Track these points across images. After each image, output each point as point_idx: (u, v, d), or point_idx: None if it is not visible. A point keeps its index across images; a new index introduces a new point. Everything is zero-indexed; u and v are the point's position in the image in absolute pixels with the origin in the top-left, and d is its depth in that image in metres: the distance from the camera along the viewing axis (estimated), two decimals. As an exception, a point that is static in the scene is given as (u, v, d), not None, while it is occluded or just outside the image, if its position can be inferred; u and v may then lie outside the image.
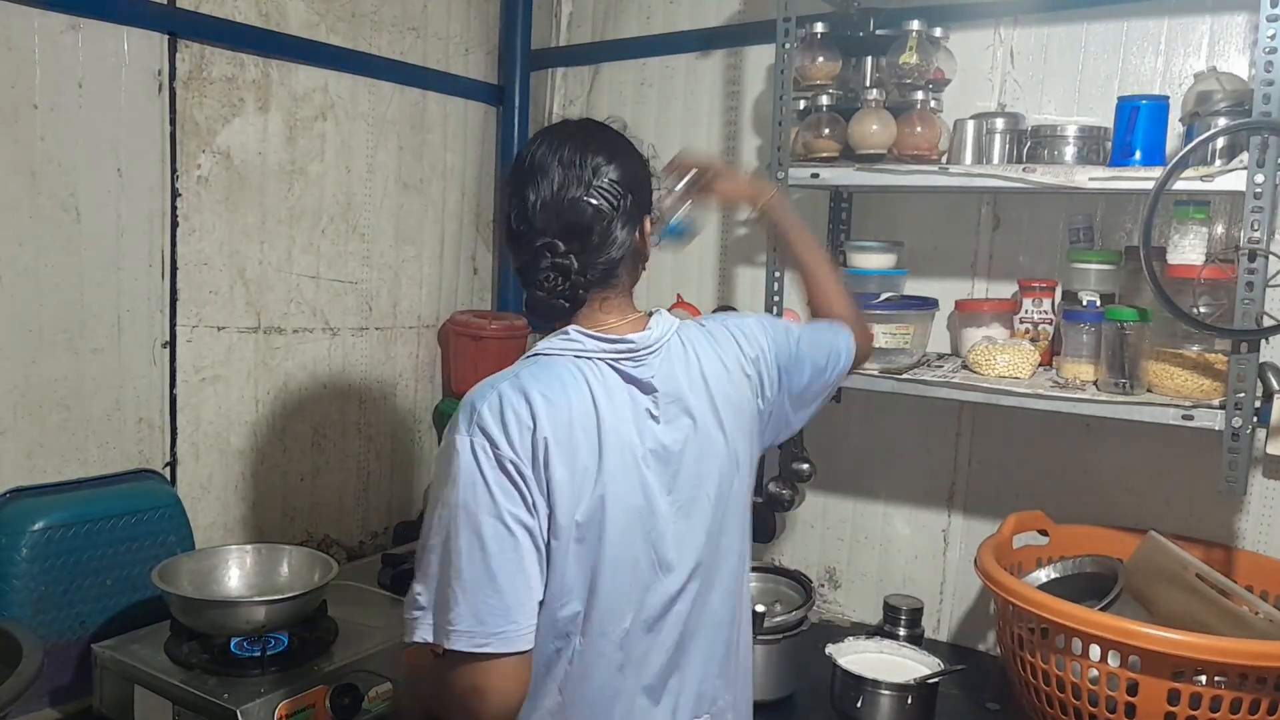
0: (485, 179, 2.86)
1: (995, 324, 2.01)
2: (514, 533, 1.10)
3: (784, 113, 1.95)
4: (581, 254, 1.18)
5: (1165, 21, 1.93)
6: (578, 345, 1.20)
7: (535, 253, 1.18)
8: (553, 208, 1.18)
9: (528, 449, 1.11)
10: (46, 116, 1.86)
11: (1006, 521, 1.92)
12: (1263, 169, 1.50)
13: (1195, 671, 1.46)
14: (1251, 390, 1.54)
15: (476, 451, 1.11)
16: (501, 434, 1.11)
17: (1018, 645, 1.66)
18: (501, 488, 1.10)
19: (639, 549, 1.19)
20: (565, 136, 1.22)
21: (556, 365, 1.18)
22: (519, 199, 1.20)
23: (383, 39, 2.49)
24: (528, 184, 1.20)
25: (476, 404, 1.13)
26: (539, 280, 1.19)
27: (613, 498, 1.15)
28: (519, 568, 1.11)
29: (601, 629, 1.17)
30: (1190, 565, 1.65)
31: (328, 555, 1.96)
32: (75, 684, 1.82)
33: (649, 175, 1.29)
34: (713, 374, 1.27)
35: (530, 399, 1.13)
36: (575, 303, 1.20)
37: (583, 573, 1.15)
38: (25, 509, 1.80)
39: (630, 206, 1.21)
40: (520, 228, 1.21)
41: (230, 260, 2.19)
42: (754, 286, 2.38)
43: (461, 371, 2.69)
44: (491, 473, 1.10)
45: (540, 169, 1.20)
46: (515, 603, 1.10)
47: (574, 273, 1.18)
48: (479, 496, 1.10)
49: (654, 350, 1.23)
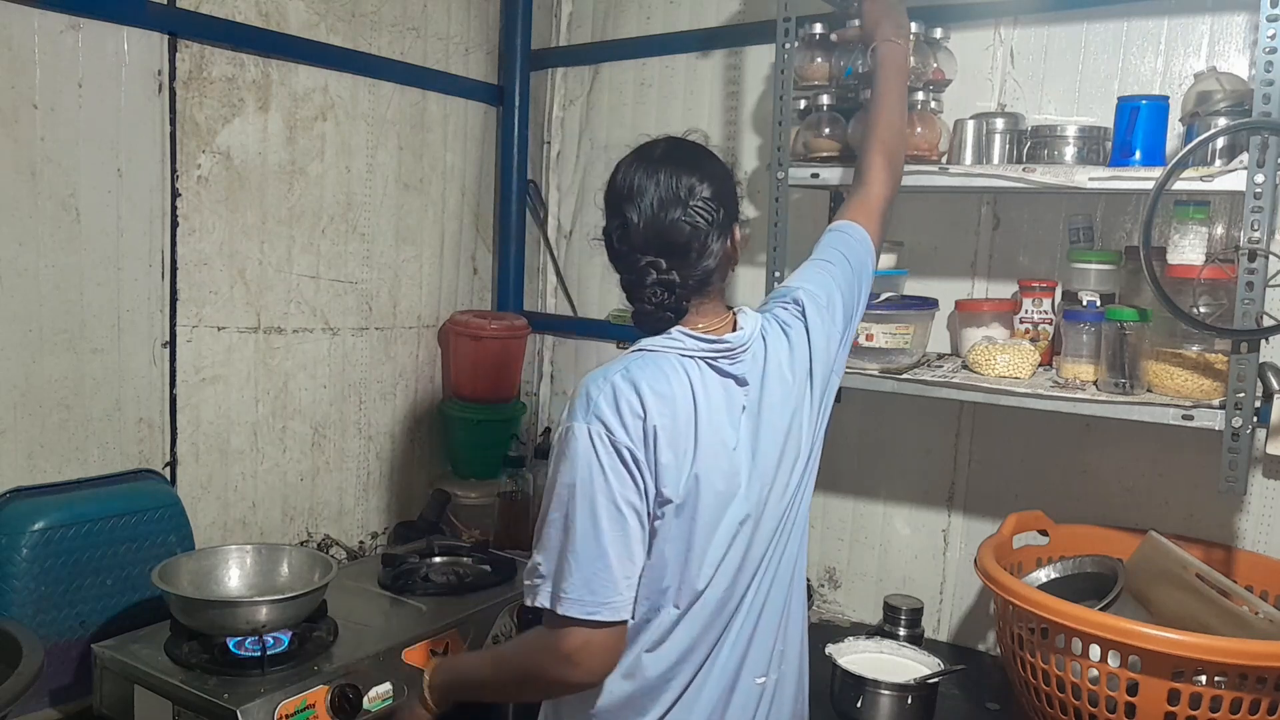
0: (485, 179, 2.86)
1: (995, 324, 2.00)
2: (624, 514, 1.22)
3: (784, 113, 1.94)
4: (682, 269, 1.29)
5: (1165, 21, 1.93)
6: (679, 344, 1.30)
7: (640, 271, 1.29)
8: (653, 228, 1.29)
9: (639, 435, 1.22)
10: (46, 116, 1.86)
11: (1006, 521, 1.92)
12: (1263, 169, 1.50)
13: (1195, 671, 1.46)
14: (1251, 390, 1.54)
15: (594, 437, 1.21)
16: (617, 421, 1.22)
17: (1017, 645, 1.66)
18: (615, 472, 1.21)
19: (725, 527, 1.29)
20: (658, 159, 1.32)
21: (661, 360, 1.28)
22: (619, 220, 1.31)
23: (383, 39, 2.49)
24: (626, 205, 1.30)
25: (593, 394, 1.24)
26: (646, 295, 1.29)
27: (705, 481, 1.26)
28: (626, 545, 1.22)
29: (691, 598, 1.28)
30: (1190, 565, 1.65)
31: (328, 555, 1.96)
32: (75, 684, 1.82)
33: (735, 184, 1.38)
34: (787, 362, 1.38)
35: (640, 390, 1.23)
36: (679, 313, 1.31)
37: (678, 549, 1.26)
38: (25, 509, 1.80)
39: (722, 219, 1.32)
40: (623, 248, 1.31)
41: (230, 260, 2.19)
42: (754, 286, 2.37)
43: (461, 371, 2.69)
44: (607, 457, 1.21)
45: (639, 191, 1.29)
46: (622, 576, 1.22)
47: (676, 286, 1.29)
48: (595, 479, 1.21)
49: (746, 348, 1.33)
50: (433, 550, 2.25)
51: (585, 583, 1.20)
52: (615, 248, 1.32)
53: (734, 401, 1.31)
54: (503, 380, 2.72)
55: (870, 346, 1.87)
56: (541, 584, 1.24)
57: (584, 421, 1.22)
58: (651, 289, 1.29)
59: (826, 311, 1.43)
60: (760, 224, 2.38)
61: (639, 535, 1.24)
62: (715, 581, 1.29)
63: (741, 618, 1.33)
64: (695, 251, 1.29)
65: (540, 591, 1.24)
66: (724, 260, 1.34)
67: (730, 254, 1.35)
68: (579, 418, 1.23)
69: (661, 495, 1.24)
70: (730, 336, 1.33)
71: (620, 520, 1.22)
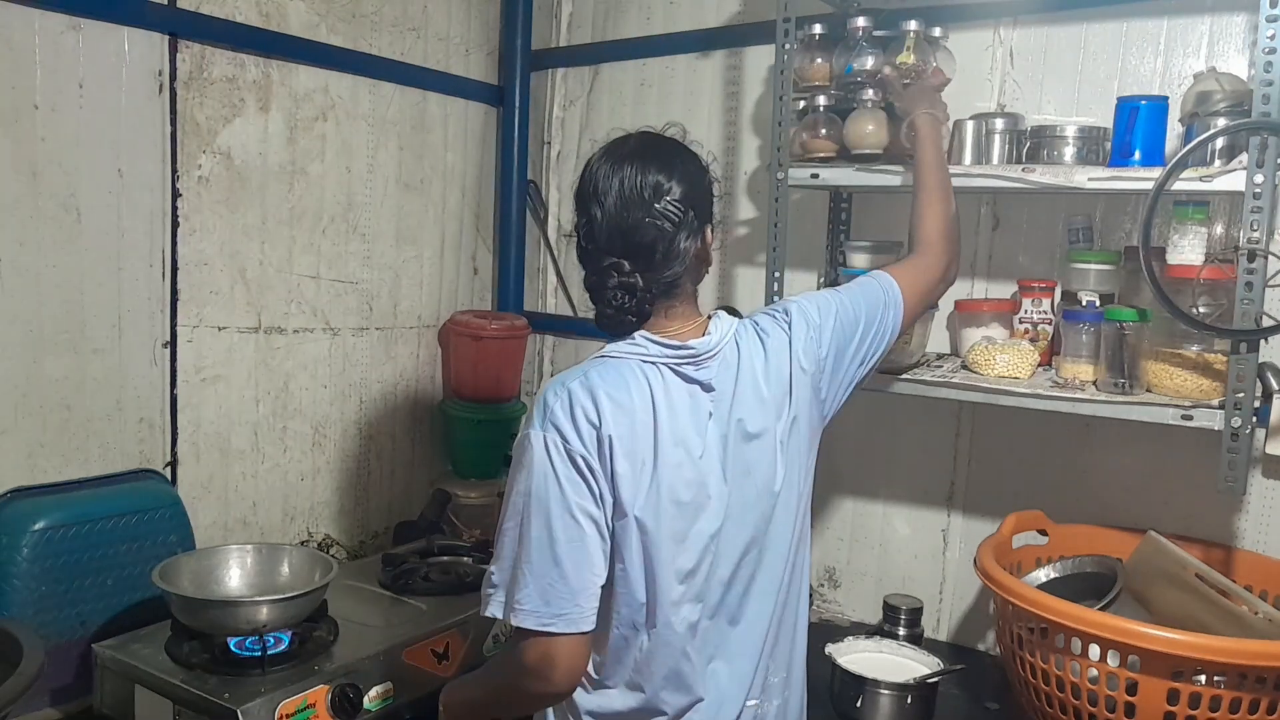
0: (486, 179, 2.86)
1: (995, 324, 2.00)
2: (580, 523, 1.19)
3: (784, 113, 1.94)
4: (646, 271, 1.25)
5: (1165, 22, 1.93)
6: (643, 350, 1.27)
7: (602, 272, 1.26)
8: (617, 228, 1.24)
9: (594, 443, 1.20)
10: (47, 116, 1.86)
11: (1006, 521, 1.92)
12: (1262, 169, 1.50)
13: (1195, 671, 1.46)
14: (1251, 390, 1.54)
15: (549, 445, 1.19)
16: (572, 429, 1.20)
17: (1017, 645, 1.66)
18: (571, 481, 1.19)
19: (694, 540, 1.26)
20: (626, 155, 1.26)
21: (622, 367, 1.25)
22: (585, 218, 1.27)
23: (383, 39, 2.49)
24: (591, 203, 1.26)
25: (549, 401, 1.22)
26: (607, 298, 1.26)
27: (666, 492, 1.23)
28: (584, 555, 1.20)
29: (665, 616, 1.25)
30: (1189, 565, 1.65)
31: (328, 555, 1.96)
32: (76, 684, 1.82)
33: (710, 183, 1.33)
34: (762, 369, 1.33)
35: (597, 398, 1.21)
36: (641, 317, 1.27)
37: (640, 562, 1.23)
38: (26, 509, 1.81)
39: (692, 220, 1.27)
40: (588, 246, 1.28)
41: (231, 260, 2.19)
42: (754, 286, 2.38)
43: (461, 372, 2.70)
44: (562, 466, 1.19)
45: (604, 189, 1.25)
46: (580, 587, 1.19)
47: (639, 290, 1.25)
48: (550, 488, 1.19)
49: (713, 354, 1.29)
50: (433, 550, 2.25)
51: (540, 594, 1.18)
52: (582, 246, 1.28)
53: (700, 408, 1.27)
54: (503, 380, 2.72)
55: (870, 346, 1.87)
56: (493, 594, 1.22)
57: (540, 430, 1.20)
58: (613, 291, 1.25)
59: (815, 331, 1.38)
60: (760, 224, 2.39)
61: (598, 545, 1.21)
62: (687, 596, 1.26)
63: (721, 637, 1.30)
64: (661, 254, 1.24)
65: (492, 602, 1.23)
66: (695, 263, 1.29)
67: (701, 256, 1.31)
68: (535, 425, 1.21)
69: (620, 506, 1.21)
70: (696, 342, 1.28)
71: (577, 530, 1.19)
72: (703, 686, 1.29)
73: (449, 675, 1.82)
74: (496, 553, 1.24)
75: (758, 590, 1.33)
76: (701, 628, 1.28)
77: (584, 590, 1.19)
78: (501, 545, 1.22)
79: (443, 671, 1.83)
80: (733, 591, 1.30)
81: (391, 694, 1.74)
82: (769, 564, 1.33)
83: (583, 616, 1.19)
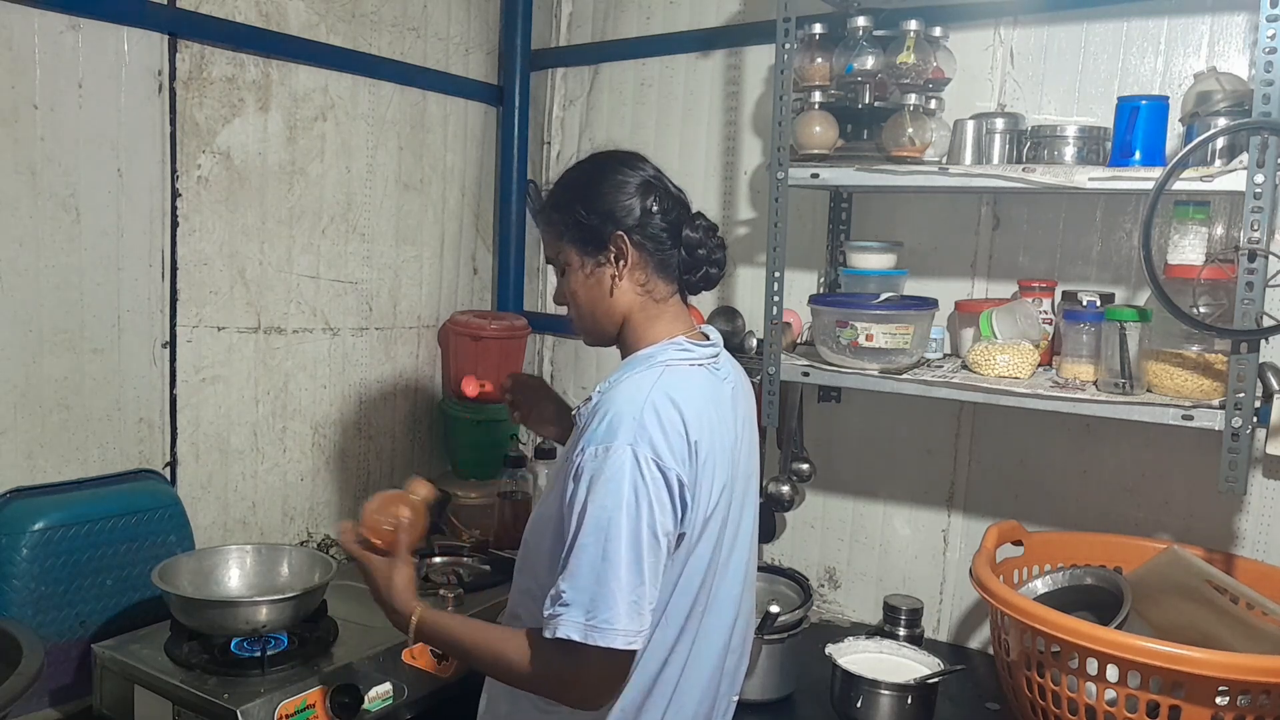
0: (485, 179, 2.86)
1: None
2: (660, 542, 1.18)
3: (784, 113, 1.94)
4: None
5: (1165, 21, 1.93)
6: (690, 354, 1.30)
7: (696, 226, 1.32)
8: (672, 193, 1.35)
9: (684, 454, 1.20)
10: (47, 116, 1.86)
11: (988, 534, 1.87)
12: (1262, 169, 1.50)
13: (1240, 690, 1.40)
14: (1251, 390, 1.54)
15: (640, 460, 1.17)
16: (664, 443, 1.18)
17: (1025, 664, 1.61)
18: (659, 498, 1.17)
19: (730, 544, 1.32)
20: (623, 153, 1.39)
21: (687, 374, 1.28)
22: (646, 198, 1.30)
23: (383, 39, 2.49)
24: (643, 190, 1.31)
25: (638, 415, 1.19)
26: (712, 246, 1.34)
27: (727, 487, 1.28)
28: (656, 575, 1.18)
29: (707, 625, 1.30)
30: (1211, 577, 1.62)
31: (328, 555, 1.96)
32: (75, 684, 1.82)
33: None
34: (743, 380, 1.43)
35: (680, 407, 1.21)
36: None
37: (699, 568, 1.26)
38: (25, 509, 1.80)
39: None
40: (667, 218, 1.31)
41: (230, 260, 2.19)
42: (754, 286, 2.38)
43: (461, 372, 2.69)
44: (653, 482, 1.17)
45: (640, 167, 1.34)
46: (657, 604, 1.20)
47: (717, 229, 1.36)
48: (641, 504, 1.16)
49: (720, 350, 1.38)
50: (433, 550, 2.25)
51: (628, 612, 1.14)
52: (660, 225, 1.31)
53: (726, 406, 1.33)
54: (503, 380, 2.71)
55: (870, 347, 1.87)
56: (564, 613, 1.15)
57: (629, 445, 1.17)
58: (708, 232, 1.34)
59: None
60: (760, 224, 2.39)
61: (663, 565, 1.20)
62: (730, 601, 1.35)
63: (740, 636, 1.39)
64: None
65: (564, 622, 1.15)
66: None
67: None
68: (622, 440, 1.17)
69: (695, 513, 1.24)
70: (713, 337, 1.38)
71: (656, 549, 1.18)
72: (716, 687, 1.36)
73: (449, 676, 1.82)
74: (569, 570, 1.16)
75: (749, 598, 1.41)
76: (729, 632, 1.35)
77: (651, 609, 1.18)
78: (578, 562, 1.16)
79: (442, 672, 1.83)
80: (746, 595, 1.39)
81: (391, 694, 1.74)
82: (752, 570, 1.42)
83: (645, 635, 1.19)
